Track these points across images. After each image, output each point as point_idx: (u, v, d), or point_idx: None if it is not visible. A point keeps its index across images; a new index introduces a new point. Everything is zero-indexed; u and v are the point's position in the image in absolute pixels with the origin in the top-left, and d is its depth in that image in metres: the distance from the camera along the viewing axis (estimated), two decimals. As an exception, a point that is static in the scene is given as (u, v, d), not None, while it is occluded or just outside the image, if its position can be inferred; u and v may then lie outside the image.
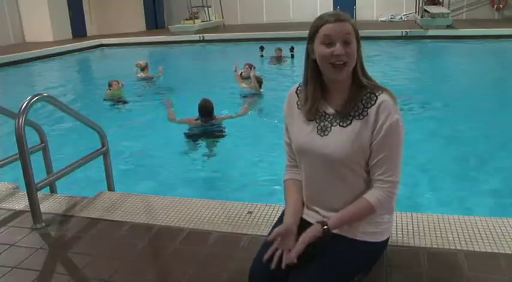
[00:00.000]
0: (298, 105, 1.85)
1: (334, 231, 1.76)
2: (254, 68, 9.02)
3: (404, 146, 1.73)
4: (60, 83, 10.76)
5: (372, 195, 1.72)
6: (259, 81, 7.60)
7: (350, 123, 1.72)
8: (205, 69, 11.93)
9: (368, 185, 1.78)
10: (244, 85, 7.96)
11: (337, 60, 1.64)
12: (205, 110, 5.63)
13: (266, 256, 1.68)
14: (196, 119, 5.70)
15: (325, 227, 1.70)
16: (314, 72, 1.75)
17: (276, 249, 1.69)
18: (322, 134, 1.76)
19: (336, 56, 1.63)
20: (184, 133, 5.69)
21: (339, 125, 1.74)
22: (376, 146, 1.69)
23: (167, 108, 5.95)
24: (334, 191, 1.79)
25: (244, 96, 7.55)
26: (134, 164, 5.07)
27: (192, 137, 5.64)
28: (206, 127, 5.67)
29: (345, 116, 1.73)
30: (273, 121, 6.14)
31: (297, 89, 1.88)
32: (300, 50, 10.61)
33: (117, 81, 8.09)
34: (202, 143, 5.59)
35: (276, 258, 1.67)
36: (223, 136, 5.63)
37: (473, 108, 6.66)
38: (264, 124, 6.36)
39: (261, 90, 7.58)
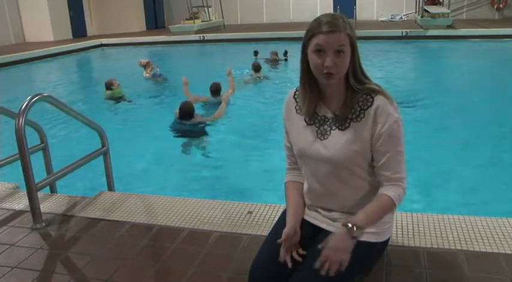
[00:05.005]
0: (296, 110, 1.85)
1: (334, 231, 1.77)
2: (260, 67, 9.09)
3: (405, 140, 1.74)
4: (60, 83, 10.74)
5: (392, 192, 1.71)
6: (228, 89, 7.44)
7: (348, 126, 1.73)
8: (205, 69, 11.92)
9: (370, 186, 1.79)
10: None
11: (327, 70, 1.64)
12: (184, 112, 5.93)
13: (282, 258, 1.70)
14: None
15: (353, 226, 1.61)
16: (309, 75, 1.74)
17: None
18: (321, 138, 1.77)
19: (326, 66, 1.63)
20: (170, 127, 5.97)
21: (338, 129, 1.75)
22: (380, 148, 1.70)
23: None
24: (336, 193, 1.80)
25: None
26: (134, 163, 5.07)
27: (175, 131, 5.92)
28: (190, 126, 5.91)
29: (343, 119, 1.74)
30: (270, 119, 6.16)
31: (294, 93, 1.88)
32: (297, 51, 10.62)
33: (115, 80, 8.09)
34: (200, 143, 5.61)
35: (288, 258, 1.70)
36: (206, 134, 5.85)
37: (473, 108, 6.67)
38: (261, 122, 6.39)
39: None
